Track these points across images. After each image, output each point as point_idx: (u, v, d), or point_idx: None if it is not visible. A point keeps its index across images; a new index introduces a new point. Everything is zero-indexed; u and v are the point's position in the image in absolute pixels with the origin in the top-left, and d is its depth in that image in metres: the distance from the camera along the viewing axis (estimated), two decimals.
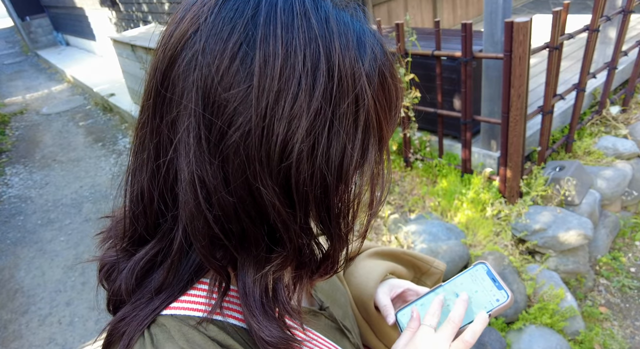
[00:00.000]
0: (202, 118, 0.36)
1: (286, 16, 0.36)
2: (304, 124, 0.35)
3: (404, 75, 2.60)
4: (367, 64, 0.38)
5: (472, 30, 2.25)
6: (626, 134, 3.04)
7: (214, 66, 0.35)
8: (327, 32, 0.37)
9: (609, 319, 2.35)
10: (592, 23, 2.47)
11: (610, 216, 2.72)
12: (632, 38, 3.60)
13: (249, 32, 0.35)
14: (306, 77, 0.35)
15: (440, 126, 2.75)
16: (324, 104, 0.36)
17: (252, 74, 0.35)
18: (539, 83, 3.15)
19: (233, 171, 0.37)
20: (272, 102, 0.35)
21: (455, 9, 5.73)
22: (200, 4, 0.38)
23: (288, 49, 0.35)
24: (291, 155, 0.36)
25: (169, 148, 0.39)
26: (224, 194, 0.37)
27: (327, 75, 0.36)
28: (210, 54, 0.36)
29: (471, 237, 2.46)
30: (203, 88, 0.36)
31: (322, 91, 0.36)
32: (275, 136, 0.35)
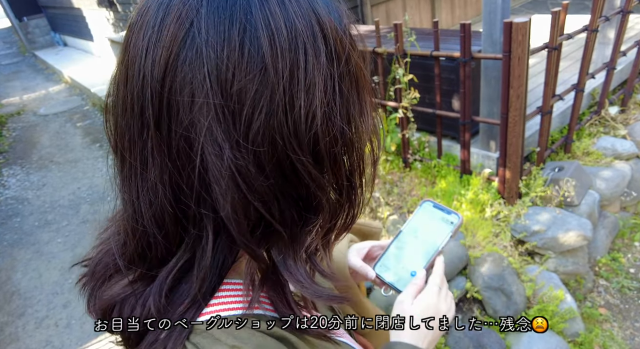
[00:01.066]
0: (225, 110, 0.36)
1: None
2: (319, 89, 0.38)
3: (403, 75, 2.59)
4: (343, 25, 0.42)
5: (471, 30, 2.24)
6: (625, 135, 3.04)
7: (224, 57, 0.36)
8: (316, 2, 0.40)
9: (609, 320, 2.34)
10: (591, 23, 2.46)
11: (609, 216, 2.71)
12: (631, 38, 3.60)
13: (247, 16, 0.36)
14: (310, 47, 0.38)
15: (439, 126, 2.74)
16: (328, 67, 0.39)
17: (262, 55, 0.36)
18: (538, 83, 3.14)
19: (265, 154, 0.38)
20: (288, 77, 0.36)
21: (453, 9, 5.73)
22: (180, 3, 0.38)
23: (287, 24, 0.37)
24: (315, 122, 0.38)
25: (191, 155, 0.37)
26: (262, 179, 0.38)
27: (323, 41, 0.39)
28: (216, 45, 0.36)
29: (470, 239, 2.45)
30: (217, 81, 0.36)
31: (324, 56, 0.38)
32: (298, 108, 0.37)
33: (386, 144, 2.97)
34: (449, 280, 2.31)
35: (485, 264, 2.28)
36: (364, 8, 4.59)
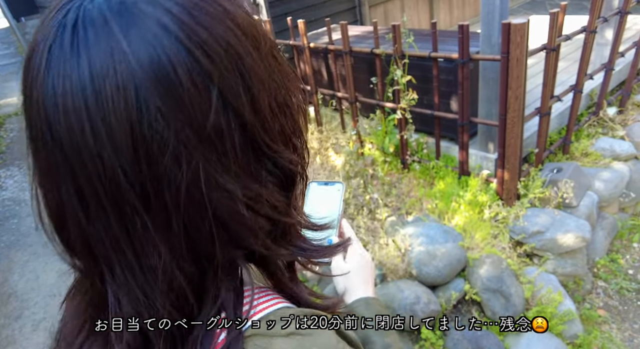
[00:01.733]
0: (203, 144, 0.34)
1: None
2: (264, 81, 0.39)
3: (401, 77, 2.58)
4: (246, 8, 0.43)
5: (469, 31, 2.24)
6: (623, 135, 3.04)
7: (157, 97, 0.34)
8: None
9: (608, 322, 2.34)
10: (589, 24, 2.46)
11: (607, 217, 2.71)
12: (629, 39, 3.60)
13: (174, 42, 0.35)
14: (239, 45, 0.38)
15: (437, 127, 2.73)
16: (257, 63, 0.39)
17: (209, 70, 0.35)
18: (536, 84, 3.14)
19: (251, 162, 0.38)
20: (239, 79, 0.37)
21: (452, 10, 5.73)
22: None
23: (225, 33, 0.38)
24: (273, 111, 0.40)
25: (202, 215, 0.36)
26: (263, 190, 0.40)
27: (241, 32, 0.38)
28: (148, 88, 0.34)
29: (469, 240, 2.45)
30: (191, 126, 0.34)
31: (246, 48, 0.38)
32: (252, 105, 0.37)
33: (385, 145, 2.97)
34: (447, 282, 2.30)
35: (483, 265, 2.28)
36: (362, 9, 4.58)
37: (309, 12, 4.05)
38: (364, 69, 3.17)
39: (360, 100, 3.07)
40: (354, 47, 2.84)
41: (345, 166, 3.07)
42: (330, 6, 4.27)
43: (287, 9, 3.88)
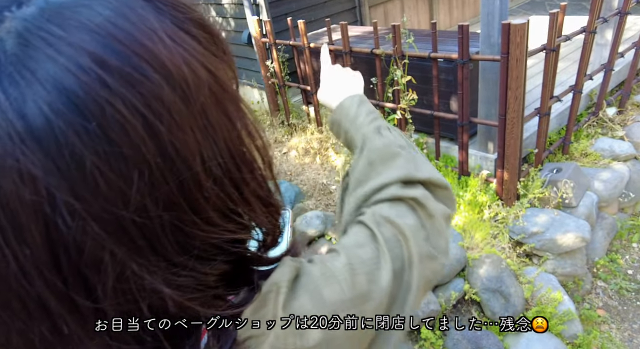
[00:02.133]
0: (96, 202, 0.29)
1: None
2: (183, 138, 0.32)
3: (401, 77, 2.58)
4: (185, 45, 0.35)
5: (469, 32, 2.24)
6: (623, 136, 3.04)
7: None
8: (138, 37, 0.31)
9: (607, 322, 2.34)
10: (589, 25, 2.46)
11: (607, 218, 2.71)
12: (628, 39, 3.60)
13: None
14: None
15: (437, 128, 2.74)
16: (180, 109, 0.32)
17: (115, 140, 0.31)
18: (536, 84, 3.14)
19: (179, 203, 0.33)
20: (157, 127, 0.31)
21: (451, 11, 5.74)
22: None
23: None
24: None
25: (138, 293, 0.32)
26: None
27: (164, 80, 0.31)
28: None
29: (468, 240, 2.45)
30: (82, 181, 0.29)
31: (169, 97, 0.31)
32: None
33: None
34: (447, 282, 2.30)
35: (483, 265, 2.28)
36: (362, 9, 4.59)
37: (309, 13, 4.06)
38: (364, 69, 3.17)
39: None
40: (354, 48, 2.84)
41: (345, 166, 3.07)
42: (331, 6, 4.27)
43: (287, 9, 3.89)
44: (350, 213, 0.56)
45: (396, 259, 0.46)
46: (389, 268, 0.44)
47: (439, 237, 0.51)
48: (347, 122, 0.68)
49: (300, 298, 0.39)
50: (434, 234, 0.51)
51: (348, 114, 0.69)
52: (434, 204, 0.53)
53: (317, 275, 0.41)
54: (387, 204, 0.52)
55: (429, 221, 0.51)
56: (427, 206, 0.52)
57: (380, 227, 0.48)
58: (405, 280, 0.46)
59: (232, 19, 4.11)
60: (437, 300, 2.22)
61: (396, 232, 0.48)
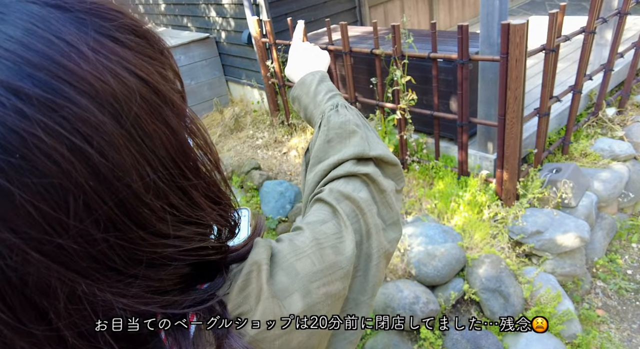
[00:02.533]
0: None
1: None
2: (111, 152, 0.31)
3: (401, 77, 2.59)
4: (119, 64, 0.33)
5: (469, 32, 2.24)
6: (622, 136, 3.04)
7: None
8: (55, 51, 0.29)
9: (606, 322, 2.34)
10: (589, 25, 2.46)
11: (606, 218, 2.72)
12: (628, 39, 3.60)
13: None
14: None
15: (437, 128, 2.74)
16: (107, 125, 0.30)
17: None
18: (536, 84, 3.15)
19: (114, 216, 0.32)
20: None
21: (451, 11, 5.74)
22: None
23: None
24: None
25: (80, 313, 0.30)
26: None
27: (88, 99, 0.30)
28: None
29: (468, 240, 2.45)
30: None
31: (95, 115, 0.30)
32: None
33: None
34: (446, 282, 2.31)
35: (482, 265, 2.28)
36: (362, 9, 4.59)
37: (309, 13, 4.06)
38: (364, 70, 3.17)
39: (360, 100, 3.07)
40: (354, 48, 2.84)
41: None
42: (330, 6, 4.27)
43: (287, 9, 3.89)
44: (311, 189, 0.60)
45: (356, 232, 0.50)
46: (352, 239, 0.48)
47: (390, 210, 0.56)
48: (307, 98, 0.71)
49: (277, 275, 0.42)
50: (385, 207, 0.56)
51: (308, 91, 0.71)
52: (384, 180, 0.58)
53: (288, 252, 0.44)
54: (343, 180, 0.56)
55: (380, 195, 0.56)
56: (379, 181, 0.56)
57: (340, 203, 0.52)
58: (365, 251, 0.50)
59: (232, 19, 4.11)
60: (437, 300, 2.22)
61: (354, 208, 0.52)
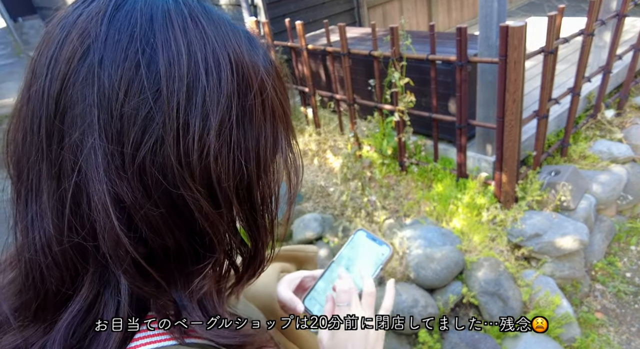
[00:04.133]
0: (110, 133, 0.34)
1: (181, 20, 0.37)
2: (216, 118, 0.36)
3: (399, 79, 2.58)
4: (262, 58, 0.41)
5: (467, 34, 2.23)
6: (621, 138, 3.04)
7: (117, 77, 0.34)
8: (222, 31, 0.39)
9: (605, 325, 2.33)
10: (587, 27, 2.46)
11: (605, 220, 2.71)
12: (627, 42, 3.60)
13: (149, 38, 0.35)
14: (212, 74, 0.36)
15: (435, 130, 2.73)
16: (232, 97, 0.37)
17: (158, 78, 0.35)
18: (534, 87, 3.14)
19: (153, 181, 0.35)
20: (184, 102, 0.35)
21: (450, 12, 5.74)
22: (86, 19, 0.37)
23: (190, 49, 0.36)
24: (209, 152, 0.36)
25: (74, 178, 0.35)
26: (149, 208, 0.36)
27: (229, 70, 0.37)
28: (110, 65, 0.34)
29: (466, 243, 2.44)
30: (107, 102, 0.34)
31: (228, 85, 0.37)
32: (191, 135, 0.35)
33: (383, 148, 2.96)
34: (445, 285, 2.30)
35: (481, 268, 2.27)
36: (360, 10, 4.58)
37: (307, 14, 4.05)
38: (362, 71, 3.16)
39: (358, 102, 3.06)
40: (352, 49, 2.83)
41: (343, 168, 3.07)
42: (329, 8, 4.27)
43: (286, 11, 3.88)
44: None
45: None
46: None
47: None
48: None
49: None
50: None
51: None
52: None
53: None
54: None
55: None
56: None
57: None
58: None
59: None
60: (435, 303, 2.21)
61: None
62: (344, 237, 2.66)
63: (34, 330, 0.39)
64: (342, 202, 2.90)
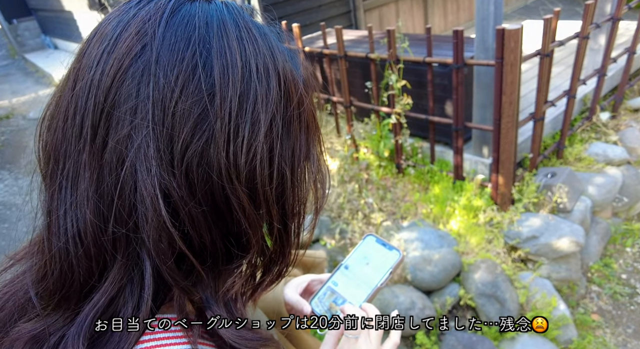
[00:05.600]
0: (162, 130, 0.36)
1: (236, 30, 0.39)
2: (264, 125, 0.38)
3: (396, 81, 2.58)
4: (301, 74, 0.44)
5: (464, 36, 2.24)
6: (616, 140, 3.06)
7: (173, 76, 0.36)
8: (269, 44, 0.41)
9: (602, 326, 2.34)
10: (582, 30, 2.47)
11: (601, 222, 2.72)
12: (621, 45, 3.63)
13: (205, 43, 0.37)
14: (261, 84, 0.38)
15: (432, 132, 2.73)
16: (278, 108, 0.39)
17: (213, 82, 0.36)
18: (530, 89, 3.16)
19: (199, 179, 0.37)
20: (236, 107, 0.37)
21: (446, 15, 5.76)
22: (143, 19, 0.38)
23: (243, 58, 0.38)
24: (255, 156, 0.38)
25: (119, 170, 0.36)
26: (193, 205, 0.37)
27: (276, 82, 0.40)
28: (167, 65, 0.36)
29: (463, 245, 2.44)
30: (161, 99, 0.35)
31: (275, 95, 0.39)
32: (240, 139, 0.37)
33: (380, 150, 2.97)
34: (442, 287, 2.30)
35: (478, 270, 2.27)
36: (357, 13, 4.59)
37: (304, 17, 4.05)
38: (359, 74, 3.17)
39: (355, 104, 3.07)
40: (349, 52, 2.84)
41: (340, 171, 3.07)
42: (325, 10, 4.27)
43: (282, 13, 3.88)
44: None
45: None
46: None
47: None
48: None
49: None
50: None
51: None
52: None
53: None
54: None
55: None
56: None
57: None
58: None
59: None
60: (433, 305, 2.21)
61: None
62: (341, 239, 2.65)
63: (54, 319, 0.39)
64: (339, 204, 2.90)
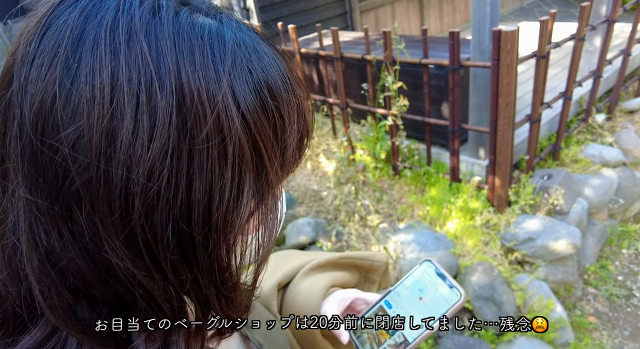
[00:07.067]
0: (30, 169, 0.30)
1: (114, 38, 0.30)
2: (145, 167, 0.29)
3: (392, 83, 2.57)
4: (235, 83, 0.32)
5: (460, 38, 2.23)
6: (612, 142, 3.06)
7: (37, 106, 0.29)
8: (169, 50, 0.30)
9: (598, 328, 2.34)
10: (578, 32, 2.47)
11: (597, 224, 2.72)
12: (616, 47, 3.64)
13: (71, 62, 0.29)
14: (142, 111, 0.29)
15: (428, 134, 2.73)
16: (171, 139, 0.29)
17: (80, 112, 0.29)
18: (527, 91, 3.16)
19: (78, 229, 0.30)
20: (105, 144, 0.29)
21: (442, 16, 5.77)
22: (26, 30, 0.32)
23: (114, 79, 0.29)
24: (135, 206, 0.29)
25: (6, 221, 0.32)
26: (74, 257, 0.31)
27: (170, 105, 0.29)
28: (31, 92, 0.29)
29: (460, 247, 2.44)
30: (28, 134, 0.29)
31: (166, 124, 0.29)
32: (114, 184, 0.29)
33: (376, 152, 2.95)
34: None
35: (475, 273, 2.27)
36: (353, 14, 4.59)
37: (300, 18, 4.04)
38: (355, 75, 3.16)
39: (351, 106, 3.06)
40: (345, 53, 2.83)
41: (337, 172, 3.05)
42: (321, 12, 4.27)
43: (278, 14, 3.87)
44: None
45: None
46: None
47: None
48: None
49: None
50: None
51: None
52: None
53: None
54: None
55: None
56: None
57: None
58: None
59: None
60: None
61: None
62: (337, 241, 2.64)
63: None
64: (335, 206, 2.88)
